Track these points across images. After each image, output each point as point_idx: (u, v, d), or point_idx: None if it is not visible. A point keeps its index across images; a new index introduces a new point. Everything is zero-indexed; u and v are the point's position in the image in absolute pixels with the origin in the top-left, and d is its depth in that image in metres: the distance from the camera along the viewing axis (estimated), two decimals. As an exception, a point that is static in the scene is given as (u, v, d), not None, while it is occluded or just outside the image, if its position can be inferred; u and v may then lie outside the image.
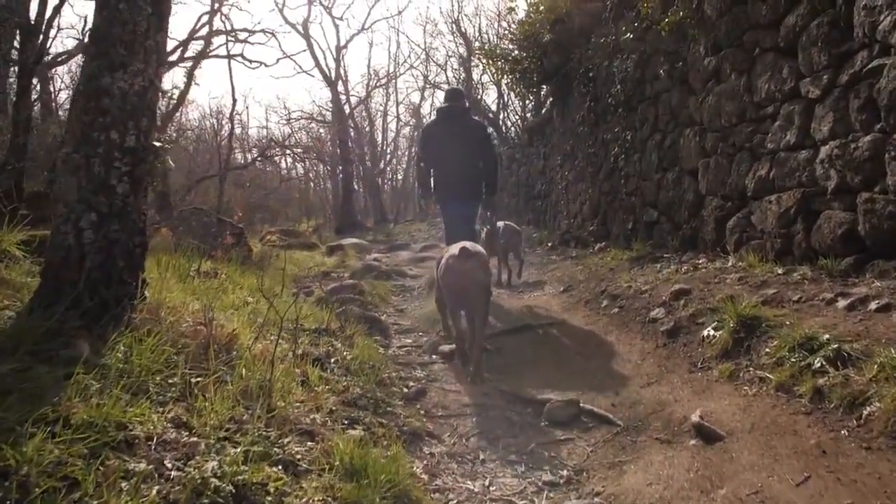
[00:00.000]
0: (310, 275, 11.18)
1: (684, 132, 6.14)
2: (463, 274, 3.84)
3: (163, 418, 2.03)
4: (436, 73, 29.09)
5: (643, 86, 7.19)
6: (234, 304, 4.27)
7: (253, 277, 6.60)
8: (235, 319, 3.26)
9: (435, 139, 5.90)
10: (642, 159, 7.20)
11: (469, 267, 3.84)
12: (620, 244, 7.69)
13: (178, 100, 22.13)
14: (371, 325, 5.66)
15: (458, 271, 3.86)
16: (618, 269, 6.11)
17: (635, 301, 4.71)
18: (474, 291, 3.87)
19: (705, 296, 4.06)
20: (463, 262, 3.83)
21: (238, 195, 28.57)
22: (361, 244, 16.61)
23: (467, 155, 5.72)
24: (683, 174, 6.19)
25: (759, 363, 2.85)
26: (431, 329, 6.05)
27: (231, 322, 3.22)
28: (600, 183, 8.71)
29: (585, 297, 5.61)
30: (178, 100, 22.13)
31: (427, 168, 6.06)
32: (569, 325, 4.91)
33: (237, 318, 3.33)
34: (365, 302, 7.55)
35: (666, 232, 6.50)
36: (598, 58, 8.43)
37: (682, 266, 5.20)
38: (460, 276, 3.86)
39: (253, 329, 3.16)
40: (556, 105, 11.61)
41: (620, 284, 5.26)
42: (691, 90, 6.06)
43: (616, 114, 7.92)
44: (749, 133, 4.98)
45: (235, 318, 3.29)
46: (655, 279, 5.02)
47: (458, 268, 3.86)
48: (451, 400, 3.49)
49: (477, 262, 3.90)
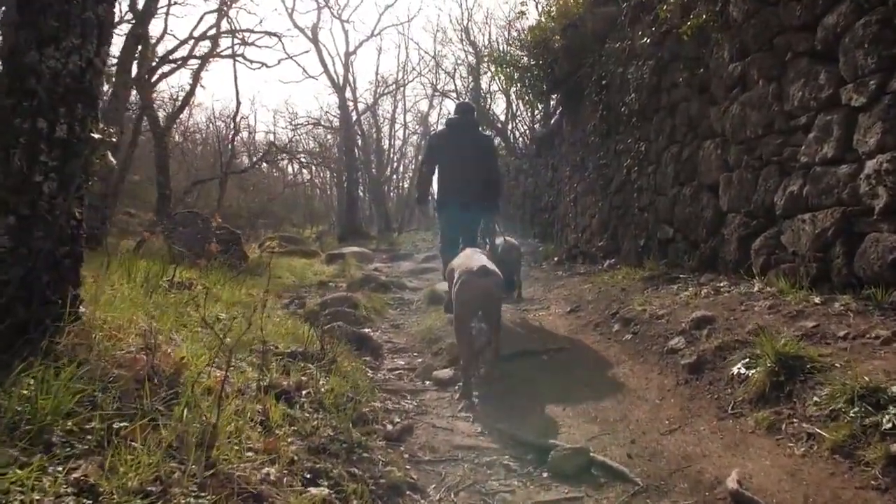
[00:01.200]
0: (306, 284, 10.80)
1: (704, 144, 5.69)
2: (481, 290, 3.98)
3: (63, 481, 1.59)
4: (444, 82, 28.79)
5: (659, 94, 6.76)
6: (204, 321, 3.83)
7: (239, 287, 6.19)
8: (189, 342, 2.82)
9: (441, 148, 5.88)
10: (657, 172, 6.76)
11: (486, 283, 3.98)
12: (631, 261, 7.23)
13: (183, 101, 21.91)
14: (360, 345, 5.23)
15: (475, 287, 3.97)
16: (630, 289, 5.65)
17: (651, 327, 4.25)
18: (488, 307, 4.09)
19: (732, 325, 3.60)
20: (482, 280, 3.96)
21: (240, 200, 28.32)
22: (363, 253, 16.24)
23: (472, 167, 5.70)
24: (702, 189, 5.74)
25: (806, 414, 2.39)
26: (427, 349, 5.61)
27: (186, 346, 2.79)
28: (611, 196, 8.27)
29: (595, 320, 5.15)
30: (183, 101, 21.91)
31: (429, 174, 6.02)
32: (577, 352, 4.45)
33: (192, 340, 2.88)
34: (358, 316, 7.11)
35: (682, 251, 6.04)
36: (611, 64, 8.01)
37: (702, 289, 4.74)
38: (477, 292, 3.99)
39: (211, 355, 2.72)
40: (566, 114, 11.20)
41: (634, 307, 4.80)
42: (713, 99, 5.62)
43: (630, 124, 7.49)
44: (778, 145, 4.53)
45: (190, 341, 2.84)
46: (672, 302, 4.57)
47: (476, 284, 3.96)
48: (441, 440, 3.04)
49: (494, 280, 4.04)
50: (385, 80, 31.70)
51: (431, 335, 5.89)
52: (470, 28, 21.90)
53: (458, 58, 25.47)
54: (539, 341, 4.92)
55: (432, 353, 5.32)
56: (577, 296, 6.26)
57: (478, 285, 3.97)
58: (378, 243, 21.10)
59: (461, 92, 24.83)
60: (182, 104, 21.96)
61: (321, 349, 3.92)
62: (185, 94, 21.16)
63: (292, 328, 4.56)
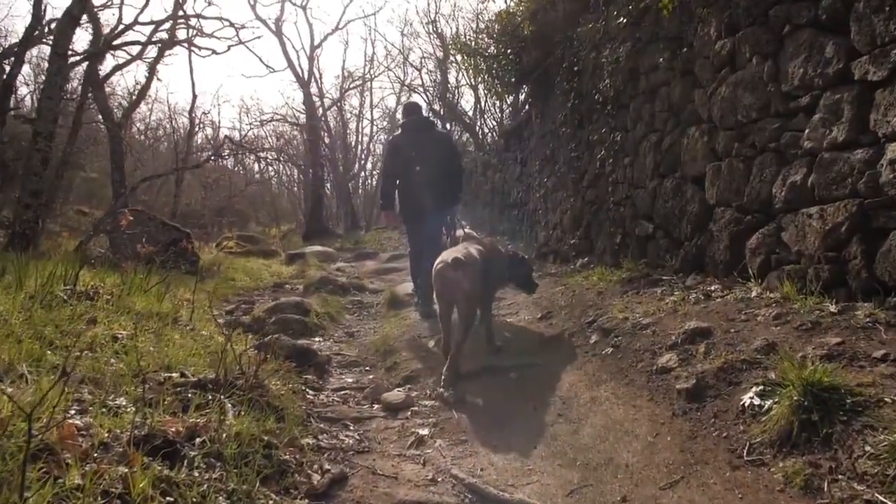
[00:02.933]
0: (260, 287, 10.03)
1: (688, 131, 5.14)
2: (450, 282, 3.98)
3: None
4: (412, 77, 28.06)
5: (637, 79, 6.20)
6: (96, 342, 3.12)
7: (165, 293, 5.42)
8: (46, 376, 2.12)
9: (401, 151, 5.81)
10: (634, 163, 6.20)
11: (457, 276, 3.95)
12: (606, 261, 6.68)
13: (139, 94, 20.87)
14: (303, 360, 4.54)
15: (446, 279, 3.99)
16: (607, 292, 5.08)
17: (635, 339, 3.66)
18: (460, 299, 4.02)
19: (733, 340, 3.03)
20: (451, 271, 3.95)
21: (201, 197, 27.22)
22: (327, 252, 15.53)
23: (434, 167, 5.62)
24: (686, 181, 5.19)
25: (858, 470, 1.81)
26: (381, 362, 4.95)
27: (43, 381, 2.08)
28: (584, 191, 7.70)
29: (569, 328, 4.55)
30: (139, 94, 20.87)
31: (392, 180, 5.94)
32: (550, 369, 3.84)
33: (52, 373, 2.18)
34: (308, 324, 6.41)
35: (663, 249, 5.49)
36: (584, 49, 7.44)
37: (690, 293, 4.18)
38: (448, 284, 4.00)
39: (67, 394, 2.02)
40: (536, 105, 10.62)
41: (613, 314, 4.21)
42: (697, 81, 5.07)
43: (604, 112, 6.92)
44: (775, 130, 3.99)
45: (48, 374, 2.14)
46: (658, 309, 3.99)
47: (446, 275, 3.98)
48: (381, 495, 2.38)
49: (465, 272, 3.99)
50: (351, 74, 30.67)
51: (386, 346, 5.24)
52: (437, 20, 21.19)
53: (425, 51, 24.74)
54: (506, 355, 4.31)
55: (385, 369, 4.66)
56: (548, 300, 5.66)
57: (446, 277, 3.97)
58: (343, 242, 20.39)
59: (428, 87, 24.17)
60: (138, 97, 20.93)
61: (242, 372, 3.23)
62: (140, 87, 20.17)
63: (216, 346, 3.85)
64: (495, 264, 4.64)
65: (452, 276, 3.95)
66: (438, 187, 5.61)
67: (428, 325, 5.78)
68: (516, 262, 5.11)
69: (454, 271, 3.94)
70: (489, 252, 4.64)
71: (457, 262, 3.96)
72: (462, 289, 3.97)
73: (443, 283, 4.03)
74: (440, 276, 4.01)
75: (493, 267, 4.56)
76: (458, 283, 3.95)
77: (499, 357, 4.25)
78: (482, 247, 4.62)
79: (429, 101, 24.04)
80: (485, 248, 4.62)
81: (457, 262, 3.97)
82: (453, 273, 3.94)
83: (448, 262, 3.97)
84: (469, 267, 4.03)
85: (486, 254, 4.49)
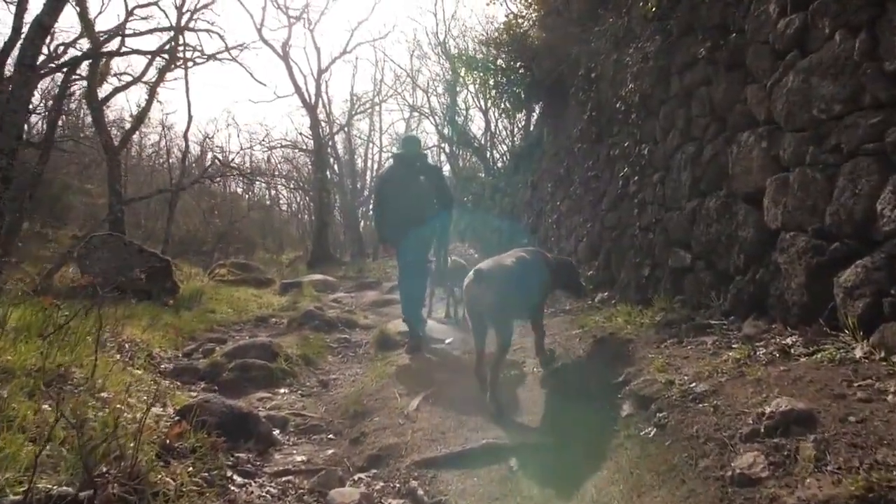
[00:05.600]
0: (242, 320, 9.00)
1: (738, 138, 4.09)
2: (476, 296, 3.80)
3: None
4: (421, 101, 27.33)
5: (667, 80, 5.19)
6: None
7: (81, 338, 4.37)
8: None
9: (391, 184, 5.83)
10: (666, 181, 5.15)
11: (481, 290, 3.75)
12: (630, 296, 5.59)
13: (137, 118, 20.27)
14: (239, 430, 3.45)
15: (471, 293, 3.84)
16: (638, 340, 3.98)
17: (688, 417, 2.55)
18: (489, 313, 3.79)
19: (861, 436, 1.92)
20: (475, 285, 3.76)
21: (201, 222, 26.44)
22: (327, 281, 14.57)
23: (422, 199, 5.71)
24: (736, 199, 4.13)
25: None
26: (349, 429, 3.86)
27: None
28: (603, 214, 6.65)
29: (591, 389, 3.45)
30: (137, 118, 20.27)
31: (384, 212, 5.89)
32: (566, 456, 2.74)
33: None
34: (273, 372, 5.31)
35: (706, 284, 4.40)
36: (603, 49, 6.46)
37: (757, 347, 3.08)
38: (474, 298, 3.83)
39: None
40: (548, 122, 9.65)
41: (652, 374, 3.11)
42: (749, 75, 4.04)
43: (627, 122, 5.90)
44: (874, 126, 2.93)
45: None
46: (715, 369, 2.89)
47: (471, 289, 3.82)
48: None
49: (489, 285, 3.74)
50: (360, 98, 29.97)
51: (359, 405, 4.16)
52: (446, 42, 20.38)
53: (433, 73, 23.96)
54: (507, 426, 3.21)
55: (351, 440, 3.57)
56: (562, 346, 4.56)
57: (472, 291, 3.81)
58: (347, 270, 19.47)
59: (436, 109, 23.36)
60: (137, 119, 20.34)
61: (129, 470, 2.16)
62: (140, 109, 19.58)
63: (107, 420, 2.77)
64: (540, 271, 4.35)
65: (477, 290, 3.74)
66: (424, 217, 5.68)
67: (414, 371, 4.74)
68: (563, 266, 4.85)
69: (478, 285, 3.72)
70: (533, 259, 4.37)
71: (479, 275, 3.73)
72: (488, 302, 3.72)
73: (469, 298, 3.87)
74: (467, 290, 3.88)
75: (538, 274, 4.30)
76: (483, 296, 3.72)
77: (496, 427, 3.15)
78: (526, 254, 4.37)
79: (438, 126, 23.22)
80: (528, 255, 4.36)
81: (479, 274, 3.74)
82: (477, 287, 3.73)
83: (472, 276, 3.79)
84: (495, 279, 3.76)
85: (528, 262, 4.23)
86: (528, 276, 4.10)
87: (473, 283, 3.75)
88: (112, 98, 18.57)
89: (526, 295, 4.12)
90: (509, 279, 3.85)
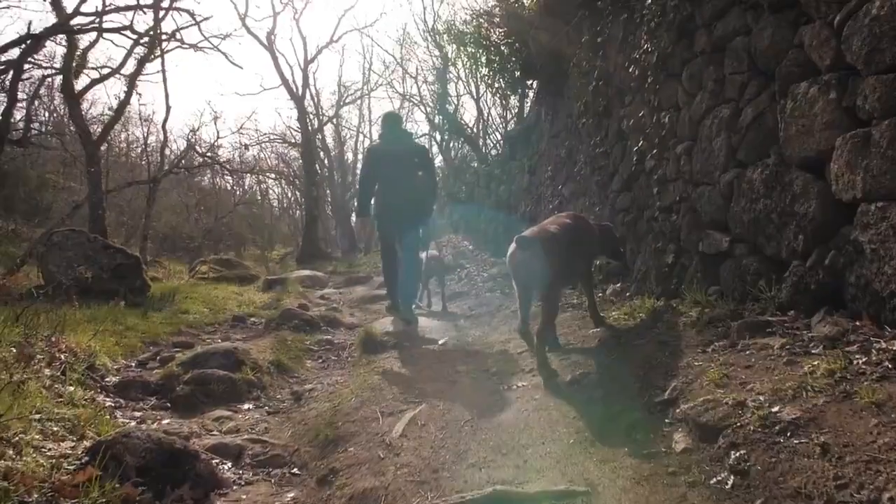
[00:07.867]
0: (218, 320, 8.19)
1: (792, 91, 3.33)
2: (520, 263, 3.77)
3: None
4: (410, 88, 26.44)
5: (692, 35, 4.43)
6: None
7: None
8: None
9: (379, 161, 5.87)
10: (694, 151, 4.39)
11: (525, 258, 3.71)
12: (650, 287, 4.84)
13: (117, 110, 19.37)
14: (169, 471, 2.67)
15: (515, 260, 3.80)
16: (675, 342, 3.22)
17: (782, 459, 1.79)
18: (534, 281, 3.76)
19: None
20: (520, 252, 3.72)
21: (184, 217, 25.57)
22: (315, 276, 13.85)
23: (409, 180, 5.76)
24: (789, 168, 3.36)
25: None
26: (317, 461, 3.08)
27: None
28: (613, 196, 5.88)
29: (623, 409, 2.68)
30: (117, 110, 19.37)
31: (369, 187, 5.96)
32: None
33: None
34: (237, 384, 4.51)
35: (751, 272, 3.64)
36: (610, 10, 5.67)
37: (851, 353, 2.32)
38: (518, 266, 3.80)
39: None
40: (545, 101, 8.86)
41: (709, 390, 2.35)
42: (803, 15, 3.28)
43: (643, 87, 5.13)
44: None
45: None
46: (801, 386, 2.14)
47: (516, 257, 3.78)
48: None
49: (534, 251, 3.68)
50: (348, 88, 29.07)
51: (333, 428, 3.37)
52: (435, 27, 19.50)
53: (423, 61, 23.07)
54: (521, 464, 2.44)
55: (317, 480, 2.78)
56: (578, 350, 3.81)
57: (516, 258, 3.79)
58: (337, 265, 18.78)
59: (426, 98, 22.50)
60: (117, 113, 19.45)
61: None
62: (119, 102, 18.70)
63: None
64: (585, 238, 4.32)
65: (521, 257, 3.72)
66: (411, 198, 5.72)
67: (402, 380, 4.00)
68: (605, 232, 4.80)
69: (522, 251, 3.69)
70: (575, 224, 4.27)
71: (522, 242, 3.69)
72: (532, 269, 3.69)
73: (514, 266, 3.85)
74: (511, 259, 3.84)
75: (583, 239, 4.26)
76: (527, 263, 3.70)
77: (506, 465, 2.38)
78: (570, 220, 4.29)
79: (428, 115, 22.39)
80: (572, 221, 4.26)
81: (522, 241, 3.69)
82: (521, 254, 3.70)
83: (515, 243, 3.72)
84: (539, 244, 3.70)
85: (571, 227, 4.14)
86: (573, 241, 4.02)
87: (518, 250, 3.70)
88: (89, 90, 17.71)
89: (573, 260, 4.08)
90: (554, 245, 3.76)
